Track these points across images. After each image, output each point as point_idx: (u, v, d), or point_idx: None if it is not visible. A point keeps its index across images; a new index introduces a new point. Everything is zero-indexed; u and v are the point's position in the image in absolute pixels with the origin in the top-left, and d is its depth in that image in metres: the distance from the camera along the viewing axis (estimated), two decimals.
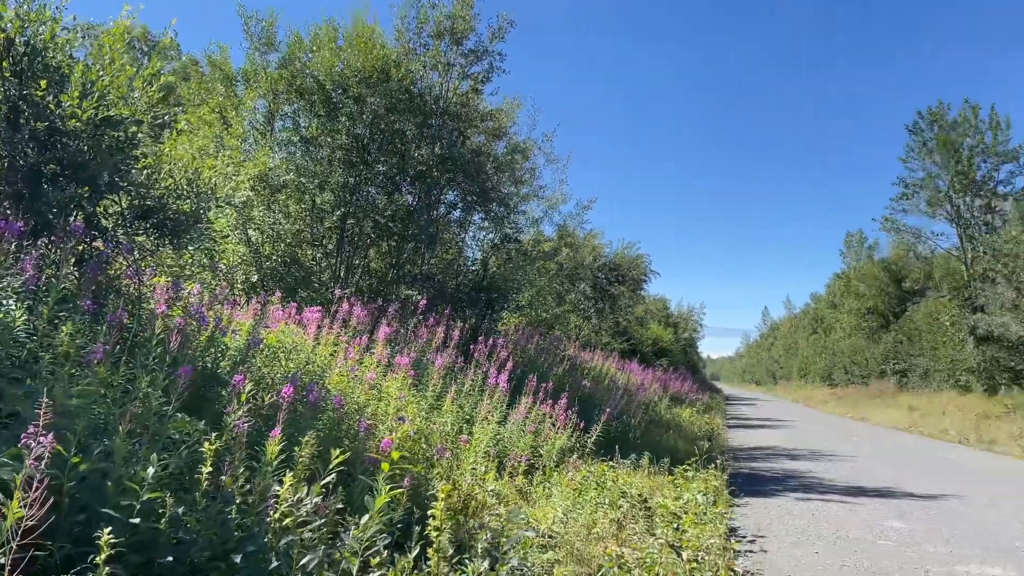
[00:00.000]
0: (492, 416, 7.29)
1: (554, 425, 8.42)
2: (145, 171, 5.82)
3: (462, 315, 11.33)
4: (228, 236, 9.69)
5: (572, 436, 8.76)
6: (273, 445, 3.36)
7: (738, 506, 8.35)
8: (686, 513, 6.54)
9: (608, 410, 10.04)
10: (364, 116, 11.17)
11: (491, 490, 5.75)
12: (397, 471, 4.15)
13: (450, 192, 12.53)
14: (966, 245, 30.08)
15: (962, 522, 7.59)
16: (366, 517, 3.27)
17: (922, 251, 34.42)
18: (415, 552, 3.34)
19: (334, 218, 10.80)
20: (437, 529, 3.34)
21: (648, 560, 4.52)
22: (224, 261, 9.17)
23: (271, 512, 3.14)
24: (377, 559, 3.17)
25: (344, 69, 10.98)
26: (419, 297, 9.89)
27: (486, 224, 13.25)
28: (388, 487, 3.39)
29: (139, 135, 5.65)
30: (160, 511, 2.85)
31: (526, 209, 15.36)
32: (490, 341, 9.10)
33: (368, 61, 10.91)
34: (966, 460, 13.47)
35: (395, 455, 3.59)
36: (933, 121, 31.35)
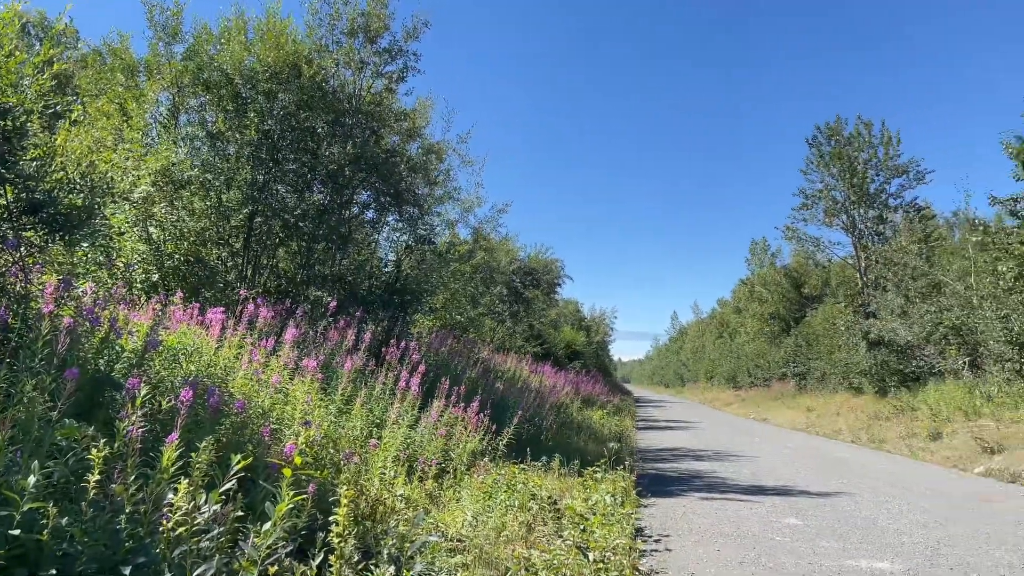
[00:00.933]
0: (403, 420, 7.22)
1: (466, 428, 8.40)
2: (35, 163, 5.50)
3: (374, 317, 11.17)
4: (126, 233, 9.27)
5: (484, 439, 8.76)
6: (169, 451, 3.22)
7: (645, 506, 8.53)
8: (594, 514, 6.63)
9: (520, 413, 10.10)
10: (274, 112, 10.89)
11: (400, 495, 5.69)
12: (302, 476, 4.05)
13: (363, 192, 12.35)
14: (860, 254, 31.66)
15: (853, 518, 7.97)
16: (267, 524, 3.17)
17: (820, 259, 36.00)
18: (319, 559, 3.26)
19: (241, 216, 10.46)
20: (340, 536, 3.27)
21: (556, 562, 4.56)
22: (121, 259, 8.76)
23: (165, 521, 3.00)
24: (276, 567, 3.08)
25: (254, 63, 10.68)
26: (329, 299, 9.69)
27: (400, 225, 13.13)
28: (291, 493, 3.30)
29: (29, 125, 5.33)
30: (43, 522, 2.69)
31: (441, 211, 15.30)
32: (402, 344, 9.01)
33: (279, 56, 10.64)
34: (858, 459, 14.16)
35: (298, 460, 3.50)
36: (831, 136, 32.90)
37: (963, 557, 6.23)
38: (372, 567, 3.55)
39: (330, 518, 3.53)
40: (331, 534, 3.30)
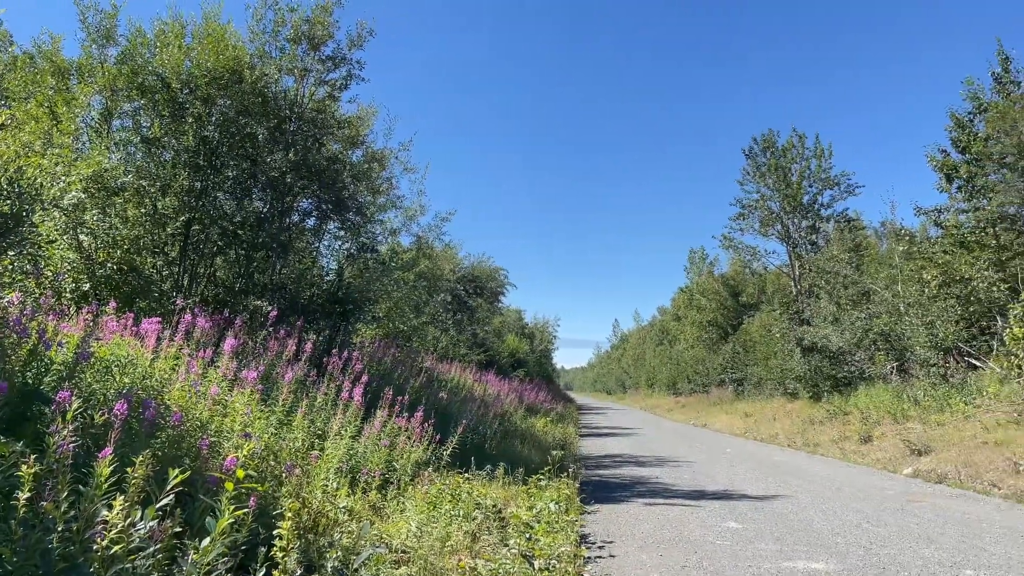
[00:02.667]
0: (345, 431, 7.13)
1: (409, 438, 8.34)
2: None
3: (315, 327, 11.02)
4: (55, 241, 8.94)
5: (428, 449, 8.72)
6: (103, 466, 3.12)
7: (589, 513, 8.59)
8: (539, 522, 6.66)
9: (464, 422, 10.08)
10: (213, 118, 10.67)
11: (343, 507, 5.61)
12: (242, 490, 3.97)
13: (304, 200, 12.18)
14: (794, 263, 32.58)
15: (790, 520, 8.18)
16: (207, 540, 3.10)
17: (756, 267, 36.85)
18: (261, 574, 3.20)
19: (178, 224, 10.20)
20: (283, 549, 3.21)
21: (501, 571, 4.56)
22: (50, 268, 8.45)
23: (99, 539, 2.90)
24: None
25: (192, 68, 10.45)
26: (269, 308, 9.52)
27: (342, 233, 12.99)
28: (232, 507, 3.23)
29: None
30: None
31: (384, 219, 15.21)
32: (345, 354, 8.90)
33: (219, 61, 10.44)
34: (793, 462, 14.54)
35: (240, 473, 3.43)
36: (766, 147, 33.81)
37: (894, 556, 6.46)
38: None
39: (273, 532, 3.46)
40: (274, 548, 3.24)
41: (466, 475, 8.23)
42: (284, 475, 5.20)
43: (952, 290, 18.03)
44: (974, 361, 17.35)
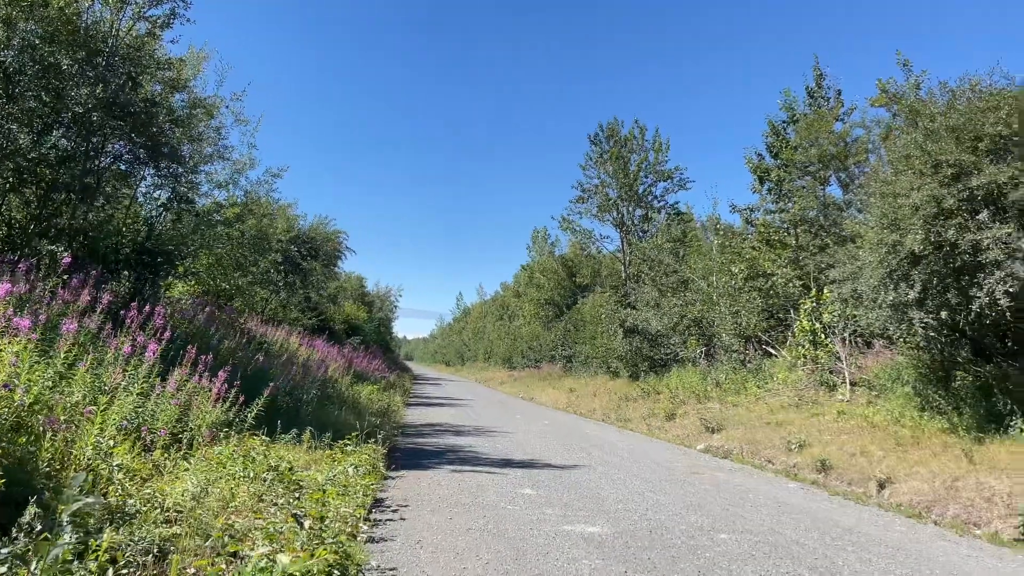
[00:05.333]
0: (133, 387, 6.79)
1: (209, 399, 8.07)
2: None
3: (117, 278, 10.34)
4: None
5: (231, 410, 8.46)
6: None
7: (393, 478, 8.72)
8: (333, 485, 6.69)
9: (274, 384, 9.86)
10: (13, 42, 9.67)
11: (118, 465, 5.37)
12: None
13: (117, 142, 11.32)
14: (626, 249, 34.19)
15: (581, 488, 8.68)
16: None
17: (592, 251, 38.39)
18: None
19: None
20: None
21: (272, 530, 4.56)
22: None
23: None
24: None
25: None
26: (64, 254, 8.83)
27: (158, 181, 12.20)
28: None
29: None
30: None
31: (209, 170, 14.46)
32: (147, 307, 8.43)
33: None
34: (602, 436, 15.36)
35: None
36: (610, 136, 35.10)
37: (663, 521, 7.03)
38: (51, 536, 3.35)
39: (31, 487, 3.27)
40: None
41: (266, 438, 8.09)
42: (46, 429, 4.91)
43: (756, 283, 19.61)
44: (770, 349, 19.00)
